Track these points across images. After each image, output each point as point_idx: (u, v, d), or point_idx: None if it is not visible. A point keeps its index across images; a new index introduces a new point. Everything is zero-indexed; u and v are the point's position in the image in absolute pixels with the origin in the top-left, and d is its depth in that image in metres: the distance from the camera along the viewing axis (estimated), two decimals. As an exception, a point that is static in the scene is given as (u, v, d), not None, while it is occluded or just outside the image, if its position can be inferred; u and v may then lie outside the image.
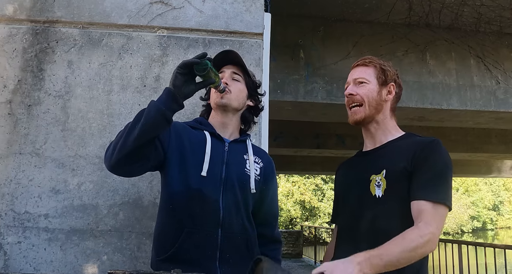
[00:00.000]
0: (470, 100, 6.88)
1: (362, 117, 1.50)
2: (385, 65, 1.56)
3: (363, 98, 1.50)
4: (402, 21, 6.44)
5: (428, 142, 1.40)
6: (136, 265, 1.79)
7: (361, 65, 1.56)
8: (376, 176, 1.42)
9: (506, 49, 7.12)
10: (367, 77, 1.52)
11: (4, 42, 1.97)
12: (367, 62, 1.56)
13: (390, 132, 1.53)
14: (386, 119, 1.53)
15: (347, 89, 1.54)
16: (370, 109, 1.49)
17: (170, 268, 1.19)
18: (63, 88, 1.94)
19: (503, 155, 11.51)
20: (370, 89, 1.51)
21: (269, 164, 1.69)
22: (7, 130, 1.88)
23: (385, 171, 1.41)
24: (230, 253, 1.47)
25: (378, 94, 1.51)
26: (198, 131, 1.59)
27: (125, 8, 2.05)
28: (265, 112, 2.05)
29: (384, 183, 1.39)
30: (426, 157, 1.35)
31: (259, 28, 2.07)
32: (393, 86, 1.55)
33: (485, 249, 4.99)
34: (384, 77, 1.53)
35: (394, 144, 1.49)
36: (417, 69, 6.84)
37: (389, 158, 1.44)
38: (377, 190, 1.40)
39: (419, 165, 1.35)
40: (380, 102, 1.51)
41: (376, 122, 1.52)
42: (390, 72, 1.56)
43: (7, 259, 1.77)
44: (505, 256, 4.76)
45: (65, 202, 1.83)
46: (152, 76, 1.99)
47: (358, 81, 1.53)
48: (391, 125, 1.55)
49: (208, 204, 1.47)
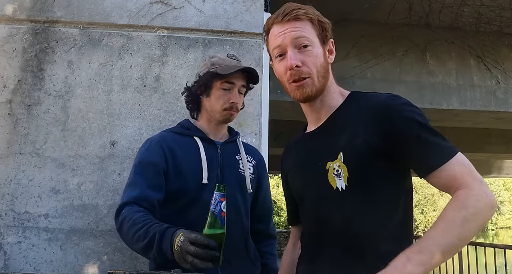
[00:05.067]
0: (470, 100, 6.88)
1: (314, 92, 1.14)
2: (320, 16, 1.18)
3: (311, 69, 1.13)
4: (402, 21, 6.44)
5: (383, 102, 1.09)
6: (136, 265, 1.79)
7: (293, 20, 1.14)
8: (332, 163, 1.10)
9: (506, 49, 7.13)
10: (310, 37, 1.14)
11: (4, 42, 1.97)
12: (301, 14, 1.14)
13: (334, 99, 1.19)
14: (332, 85, 1.20)
15: (289, 58, 1.12)
16: (319, 81, 1.14)
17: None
18: (63, 88, 1.94)
19: (503, 155, 11.52)
20: (317, 55, 1.14)
21: (260, 161, 1.70)
22: (7, 130, 1.88)
23: (342, 154, 1.08)
24: (230, 255, 1.47)
25: (324, 57, 1.16)
26: (186, 137, 1.55)
27: (125, 8, 2.05)
28: (265, 112, 2.05)
29: (345, 170, 1.07)
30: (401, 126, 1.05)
31: (259, 28, 2.07)
32: (332, 43, 1.20)
33: (485, 249, 4.99)
34: (325, 34, 1.17)
35: (342, 113, 1.16)
36: (417, 69, 6.84)
37: (342, 134, 1.11)
38: (338, 181, 1.09)
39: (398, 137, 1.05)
40: (327, 68, 1.17)
41: (324, 93, 1.18)
42: (328, 24, 1.19)
43: (7, 259, 1.77)
44: (505, 256, 4.76)
45: (65, 202, 1.83)
46: (152, 76, 1.98)
47: (300, 45, 1.13)
48: (334, 89, 1.21)
49: (206, 210, 1.47)
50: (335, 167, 1.09)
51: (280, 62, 1.16)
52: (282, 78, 1.17)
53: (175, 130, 1.60)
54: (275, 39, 1.15)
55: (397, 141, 1.04)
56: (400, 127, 1.05)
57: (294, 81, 1.13)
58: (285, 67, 1.14)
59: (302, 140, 1.26)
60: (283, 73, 1.15)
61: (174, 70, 2.00)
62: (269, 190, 1.73)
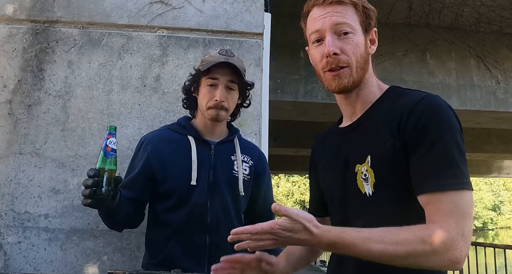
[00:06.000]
0: (470, 100, 6.88)
1: (351, 83, 1.06)
2: (364, 1, 1.09)
3: (350, 58, 1.04)
4: (402, 21, 6.45)
5: (416, 102, 0.98)
6: (136, 265, 1.79)
7: (336, 3, 1.05)
8: (361, 166, 1.03)
9: (506, 49, 7.13)
10: (352, 24, 1.05)
11: (4, 42, 1.97)
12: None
13: (371, 93, 1.11)
14: (371, 78, 1.11)
15: (327, 44, 1.03)
16: (357, 72, 1.06)
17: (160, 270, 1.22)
18: (63, 88, 1.94)
19: (503, 155, 11.52)
20: (357, 43, 1.05)
21: (260, 159, 1.67)
22: (7, 130, 1.88)
23: (370, 158, 1.01)
24: (219, 258, 1.47)
25: (365, 47, 1.08)
26: (181, 136, 1.56)
27: (125, 8, 2.05)
28: (265, 112, 2.05)
29: (371, 176, 1.00)
30: (419, 126, 0.95)
31: (259, 28, 2.07)
32: (375, 33, 1.12)
33: (485, 249, 4.99)
34: (369, 22, 1.08)
35: (376, 111, 1.07)
36: (417, 69, 6.85)
37: (372, 135, 1.04)
38: (365, 186, 1.02)
39: (413, 141, 0.95)
40: (367, 59, 1.08)
41: (360, 86, 1.10)
42: (373, 11, 1.10)
43: (7, 259, 1.77)
44: (505, 256, 4.76)
45: (65, 202, 1.83)
46: (152, 76, 1.98)
47: (340, 31, 1.04)
48: (373, 82, 1.12)
49: (196, 210, 1.47)
50: (363, 171, 1.03)
51: (317, 48, 1.07)
52: (317, 66, 1.08)
53: (171, 127, 1.61)
54: (314, 23, 1.07)
55: (411, 143, 0.96)
56: (419, 129, 0.95)
57: (331, 70, 1.05)
58: (321, 54, 1.05)
59: (335, 135, 1.18)
60: (318, 60, 1.07)
61: (174, 70, 2.00)
62: (270, 188, 1.71)
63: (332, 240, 0.92)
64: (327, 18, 1.04)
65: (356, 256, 0.93)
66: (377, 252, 0.89)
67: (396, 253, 0.88)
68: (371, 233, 0.91)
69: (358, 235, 0.91)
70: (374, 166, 1.00)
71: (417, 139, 0.94)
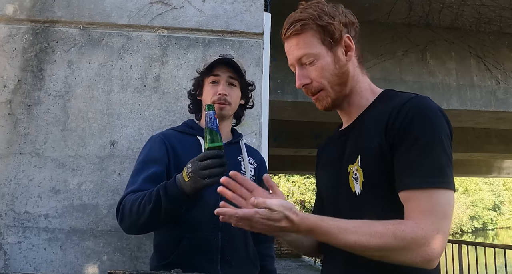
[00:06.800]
0: (470, 100, 6.88)
1: (329, 103, 1.13)
2: (321, 18, 1.09)
3: (321, 83, 1.11)
4: (402, 21, 6.44)
5: (403, 102, 1.01)
6: (136, 265, 1.79)
7: (294, 35, 1.11)
8: (352, 166, 1.07)
9: (506, 49, 7.13)
10: (312, 52, 1.09)
11: (4, 42, 1.97)
12: (299, 28, 1.09)
13: (363, 98, 1.15)
14: (359, 84, 1.15)
15: (297, 78, 1.13)
16: (334, 90, 1.11)
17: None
18: (63, 88, 1.94)
19: (503, 155, 11.52)
20: (323, 66, 1.10)
21: (262, 162, 1.72)
22: (7, 130, 1.88)
23: (360, 158, 1.05)
24: (230, 254, 1.48)
25: (335, 63, 1.10)
26: (189, 136, 1.57)
27: (125, 8, 2.05)
28: (265, 112, 2.05)
29: (360, 175, 1.04)
30: (403, 126, 0.97)
31: (259, 28, 2.07)
32: (348, 38, 1.12)
33: (485, 249, 4.99)
34: (331, 36, 1.09)
35: (369, 114, 1.11)
36: (417, 69, 6.85)
37: (362, 136, 1.08)
38: (355, 185, 1.05)
39: (397, 139, 0.98)
40: (341, 71, 1.11)
41: (347, 95, 1.14)
42: (333, 23, 1.09)
43: (7, 259, 1.77)
44: (505, 256, 4.76)
45: (65, 202, 1.83)
46: (152, 76, 1.99)
47: (304, 62, 1.11)
48: (364, 87, 1.15)
49: (208, 209, 1.47)
50: (354, 171, 1.06)
51: None
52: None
53: (179, 129, 1.62)
54: (287, 56, 1.16)
55: (395, 142, 0.98)
56: (403, 128, 0.97)
57: (312, 95, 1.15)
58: (297, 86, 1.15)
59: (335, 138, 1.23)
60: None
61: (174, 70, 2.00)
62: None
63: (310, 226, 0.96)
64: (291, 54, 1.14)
65: (333, 244, 0.97)
66: (350, 242, 0.94)
67: (368, 245, 0.92)
68: (348, 223, 0.96)
69: (335, 224, 0.96)
70: (364, 165, 1.04)
71: (401, 137, 0.98)
